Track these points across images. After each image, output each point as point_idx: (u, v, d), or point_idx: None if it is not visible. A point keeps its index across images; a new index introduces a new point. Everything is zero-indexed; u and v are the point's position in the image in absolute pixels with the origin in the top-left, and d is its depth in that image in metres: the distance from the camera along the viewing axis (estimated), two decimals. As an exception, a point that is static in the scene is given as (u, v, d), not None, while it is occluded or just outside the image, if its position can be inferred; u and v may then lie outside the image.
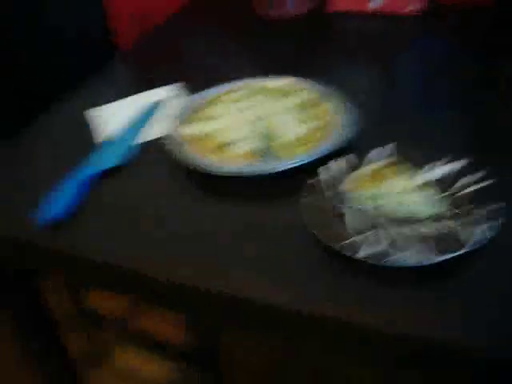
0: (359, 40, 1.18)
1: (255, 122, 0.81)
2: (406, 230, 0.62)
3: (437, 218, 0.63)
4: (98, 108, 0.93)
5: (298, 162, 0.73)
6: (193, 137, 0.80)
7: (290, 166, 0.72)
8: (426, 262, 0.58)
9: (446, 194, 0.67)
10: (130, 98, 0.95)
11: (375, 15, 1.22)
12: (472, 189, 0.66)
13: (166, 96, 0.94)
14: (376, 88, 1.01)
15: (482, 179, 0.66)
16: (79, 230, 0.70)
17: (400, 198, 0.66)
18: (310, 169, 0.71)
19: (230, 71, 1.04)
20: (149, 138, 0.85)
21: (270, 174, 0.72)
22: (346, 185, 0.69)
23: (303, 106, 0.84)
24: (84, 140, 0.86)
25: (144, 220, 0.71)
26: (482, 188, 0.65)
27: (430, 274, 0.59)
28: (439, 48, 1.14)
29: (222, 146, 0.77)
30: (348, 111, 0.81)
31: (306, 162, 0.73)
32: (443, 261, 0.58)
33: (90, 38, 1.29)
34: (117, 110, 0.92)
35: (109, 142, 0.83)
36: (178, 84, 0.98)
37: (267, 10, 1.24)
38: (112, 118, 0.90)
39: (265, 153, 0.76)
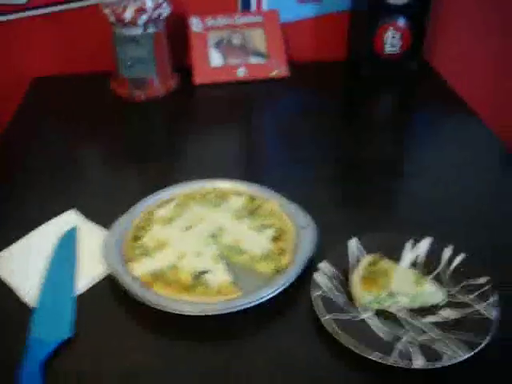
0: (230, 108, 1.16)
1: (210, 241, 0.74)
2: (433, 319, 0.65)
3: (452, 301, 0.67)
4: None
5: (283, 285, 0.68)
6: (151, 275, 0.69)
7: (277, 292, 0.67)
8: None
9: (434, 274, 0.70)
10: (27, 238, 0.79)
11: (242, 82, 1.21)
12: (455, 264, 0.71)
13: (71, 227, 0.80)
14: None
15: (454, 251, 0.72)
16: None
17: (412, 292, 0.66)
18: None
19: (110, 179, 0.94)
20: (87, 285, 0.71)
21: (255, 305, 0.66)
22: (354, 291, 0.67)
23: (247, 210, 0.79)
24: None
25: None
26: (464, 261, 0.71)
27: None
28: (303, 104, 1.18)
29: (190, 281, 0.68)
30: (291, 209, 0.79)
31: (289, 282, 0.68)
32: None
33: None
34: (22, 254, 0.76)
35: (43, 304, 0.68)
36: (69, 212, 0.83)
37: (131, 92, 1.14)
38: (22, 265, 0.74)
39: (237, 280, 0.70)
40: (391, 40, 1.17)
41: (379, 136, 1.07)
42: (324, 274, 0.69)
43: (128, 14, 1.04)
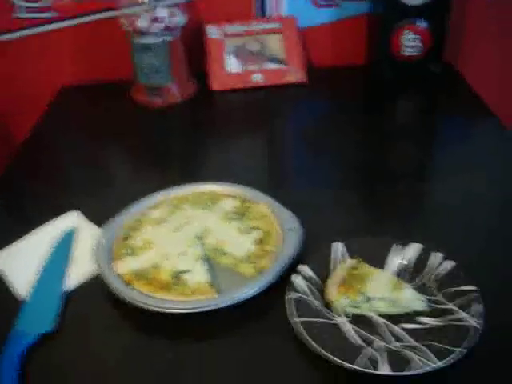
0: (247, 114, 1.17)
1: (195, 242, 0.75)
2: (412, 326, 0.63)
3: (434, 309, 0.65)
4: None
5: (259, 286, 0.68)
6: (134, 273, 0.71)
7: (251, 295, 0.67)
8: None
9: (420, 281, 0.69)
10: (29, 236, 0.82)
11: (260, 88, 1.21)
12: (441, 271, 0.68)
13: (71, 227, 0.83)
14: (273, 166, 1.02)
15: (444, 258, 0.69)
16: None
17: (390, 297, 0.65)
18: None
19: (124, 181, 0.97)
20: (77, 283, 0.74)
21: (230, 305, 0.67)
22: (328, 294, 0.67)
23: (236, 212, 0.80)
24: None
25: None
26: (451, 269, 0.68)
27: None
28: (322, 110, 1.17)
29: (170, 280, 0.70)
30: (282, 213, 0.79)
31: (267, 284, 0.68)
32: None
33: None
34: (23, 251, 0.80)
35: (32, 299, 0.71)
36: (72, 213, 0.86)
37: (149, 99, 1.18)
38: (21, 262, 0.78)
39: (216, 282, 0.70)
40: (409, 42, 1.15)
41: (399, 141, 1.05)
42: (302, 277, 0.69)
43: (142, 23, 1.07)
